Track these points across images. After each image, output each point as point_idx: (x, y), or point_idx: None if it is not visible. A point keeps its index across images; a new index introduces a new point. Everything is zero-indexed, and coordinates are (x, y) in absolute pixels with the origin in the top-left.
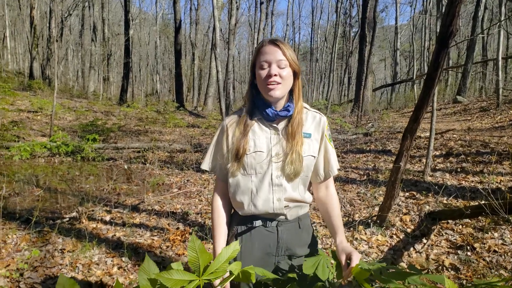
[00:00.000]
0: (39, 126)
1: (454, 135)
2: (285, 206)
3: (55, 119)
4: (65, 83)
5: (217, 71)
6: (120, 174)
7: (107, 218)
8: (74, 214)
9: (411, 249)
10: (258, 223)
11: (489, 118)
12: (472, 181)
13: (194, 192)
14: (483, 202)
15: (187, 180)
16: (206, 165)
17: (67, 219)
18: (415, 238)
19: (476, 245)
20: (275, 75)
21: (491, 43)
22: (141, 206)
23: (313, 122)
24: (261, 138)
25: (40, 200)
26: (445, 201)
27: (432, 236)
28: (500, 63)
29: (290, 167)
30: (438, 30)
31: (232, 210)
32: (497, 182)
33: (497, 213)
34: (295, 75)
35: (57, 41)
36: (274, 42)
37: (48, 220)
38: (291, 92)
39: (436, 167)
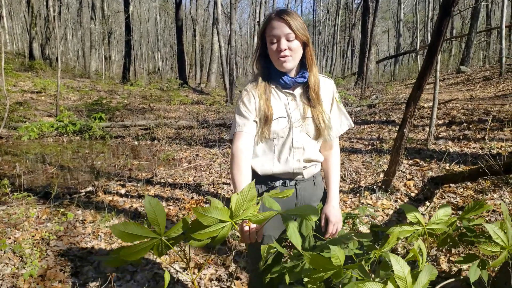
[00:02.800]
0: (44, 106)
1: (457, 104)
2: (303, 166)
3: (59, 99)
4: (66, 63)
5: (220, 47)
6: (129, 151)
7: (122, 191)
8: (90, 188)
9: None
10: (278, 183)
11: (492, 87)
12: (474, 148)
13: (204, 165)
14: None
15: (196, 155)
16: (239, 128)
17: (84, 193)
18: (419, 201)
19: None
20: (285, 49)
21: (495, 11)
22: (154, 180)
23: (323, 87)
24: (280, 105)
25: (54, 177)
26: (447, 167)
27: (434, 199)
28: (503, 31)
29: (317, 128)
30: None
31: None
32: (497, 148)
33: (495, 174)
34: (305, 44)
35: (54, 20)
36: (280, 16)
37: (65, 195)
38: (302, 60)
39: (439, 135)
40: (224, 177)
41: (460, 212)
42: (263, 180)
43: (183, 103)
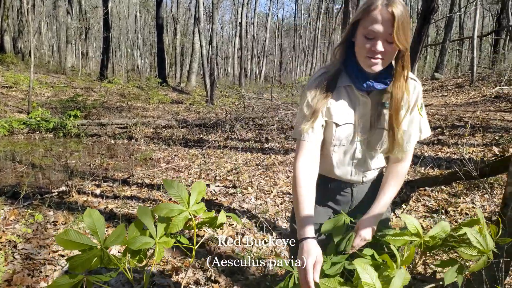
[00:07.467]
0: (15, 102)
1: (432, 110)
2: (362, 177)
3: (32, 94)
4: (39, 58)
5: (201, 46)
6: (105, 150)
7: (97, 191)
8: (63, 188)
9: (392, 214)
10: (334, 184)
11: (464, 94)
12: (448, 152)
13: (182, 166)
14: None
15: (175, 155)
16: (299, 132)
17: (56, 193)
18: (395, 204)
19: (449, 209)
20: (380, 51)
21: (467, 22)
22: (130, 180)
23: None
24: (348, 109)
25: (24, 176)
26: (422, 171)
27: (410, 202)
28: (475, 41)
29: (387, 142)
30: (419, 8)
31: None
32: (469, 153)
33: (470, 178)
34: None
35: (28, 13)
36: (389, 7)
37: (36, 195)
38: (391, 62)
39: None
40: (204, 178)
41: (434, 215)
42: (321, 179)
43: (162, 102)
